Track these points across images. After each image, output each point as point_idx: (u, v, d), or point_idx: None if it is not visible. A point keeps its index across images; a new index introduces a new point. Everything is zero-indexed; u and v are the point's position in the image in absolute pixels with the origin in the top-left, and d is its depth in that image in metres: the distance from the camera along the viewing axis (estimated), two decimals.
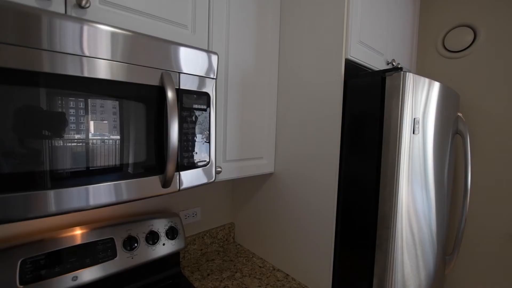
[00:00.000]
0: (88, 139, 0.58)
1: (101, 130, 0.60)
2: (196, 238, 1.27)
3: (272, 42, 1.08)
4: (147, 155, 0.68)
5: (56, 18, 0.52)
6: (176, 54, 0.71)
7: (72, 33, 0.54)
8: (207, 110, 0.79)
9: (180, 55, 0.71)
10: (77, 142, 0.56)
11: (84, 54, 0.55)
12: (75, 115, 0.56)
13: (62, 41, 0.52)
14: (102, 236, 0.90)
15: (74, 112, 0.56)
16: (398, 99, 0.78)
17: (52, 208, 0.53)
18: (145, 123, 0.66)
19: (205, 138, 0.79)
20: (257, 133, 1.06)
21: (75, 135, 0.56)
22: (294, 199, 1.07)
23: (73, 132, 0.56)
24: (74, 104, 0.56)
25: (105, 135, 0.60)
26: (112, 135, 0.61)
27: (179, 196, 1.20)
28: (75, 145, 0.56)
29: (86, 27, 0.55)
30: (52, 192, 0.53)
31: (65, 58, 0.53)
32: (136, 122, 0.65)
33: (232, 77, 0.94)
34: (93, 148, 0.59)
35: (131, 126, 0.64)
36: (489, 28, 1.27)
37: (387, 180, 0.82)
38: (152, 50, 0.66)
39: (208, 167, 0.80)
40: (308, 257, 1.03)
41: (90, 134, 0.58)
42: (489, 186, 1.29)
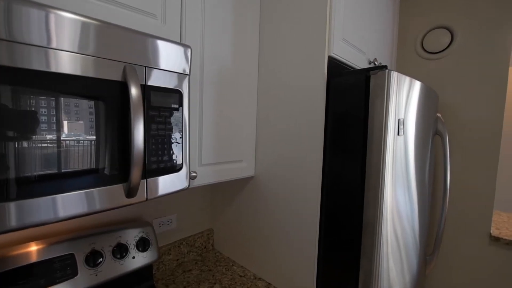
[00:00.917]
0: (35, 142, 0.48)
1: (54, 133, 0.51)
2: (172, 248, 1.18)
3: (252, 38, 1.02)
4: (109, 160, 0.59)
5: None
6: (142, 45, 0.62)
7: (18, 18, 0.44)
8: (179, 110, 0.71)
9: (146, 47, 0.63)
10: (23, 145, 0.47)
11: (28, 42, 0.46)
12: (20, 115, 0.46)
13: (4, 27, 0.43)
14: (60, 252, 0.80)
15: (18, 110, 0.46)
16: (383, 99, 0.75)
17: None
18: (106, 124, 0.58)
19: (177, 141, 0.71)
20: (236, 134, 0.99)
21: (20, 138, 0.46)
22: (276, 204, 1.02)
23: (17, 134, 0.46)
24: (17, 103, 0.46)
25: (58, 138, 0.51)
26: (67, 138, 0.52)
27: (152, 203, 1.11)
28: (19, 150, 0.46)
29: (34, 10, 0.46)
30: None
31: (11, 47, 0.44)
32: (96, 123, 0.56)
33: (208, 75, 0.87)
34: (42, 153, 0.49)
35: (90, 127, 0.55)
36: (465, 30, 1.28)
37: (372, 184, 0.78)
38: (113, 40, 0.58)
39: (181, 173, 0.72)
40: (291, 264, 0.98)
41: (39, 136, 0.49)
42: (467, 186, 1.31)
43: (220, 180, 0.94)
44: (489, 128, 1.24)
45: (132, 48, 0.61)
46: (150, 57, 0.64)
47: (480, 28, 1.25)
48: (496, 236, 1.23)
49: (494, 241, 1.24)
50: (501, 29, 1.20)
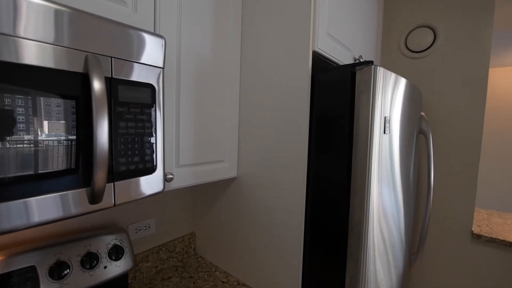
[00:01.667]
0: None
1: (7, 131, 0.43)
2: (150, 254, 1.11)
3: (234, 31, 0.96)
4: (70, 163, 0.52)
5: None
6: (107, 33, 0.56)
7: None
8: (153, 106, 0.65)
9: (113, 36, 0.57)
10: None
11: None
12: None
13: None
14: (19, 265, 0.71)
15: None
16: (369, 96, 0.72)
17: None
18: (67, 122, 0.51)
19: (150, 140, 0.65)
20: (217, 133, 0.94)
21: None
22: (260, 206, 0.97)
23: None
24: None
25: (12, 137, 0.44)
26: (24, 137, 0.45)
27: (127, 207, 1.03)
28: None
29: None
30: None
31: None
32: (56, 120, 0.49)
33: (185, 69, 0.81)
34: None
35: (48, 125, 0.49)
36: (447, 29, 1.29)
37: (358, 185, 0.75)
38: (74, 27, 0.51)
39: (154, 175, 0.66)
40: (275, 268, 0.94)
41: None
42: (449, 185, 1.32)
43: (199, 182, 0.88)
44: (470, 127, 1.26)
45: (96, 37, 0.54)
46: (118, 48, 0.58)
47: (461, 28, 1.26)
48: (478, 234, 1.24)
49: (475, 239, 1.26)
50: (481, 29, 1.21)
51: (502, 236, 1.22)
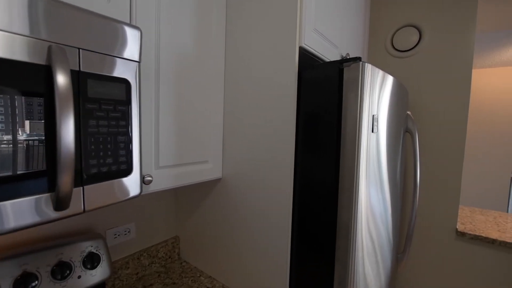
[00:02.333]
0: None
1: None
2: (130, 260, 1.05)
3: (218, 24, 0.92)
4: (32, 165, 0.47)
5: None
6: (75, 22, 0.51)
7: None
8: (127, 102, 0.60)
9: (81, 25, 0.51)
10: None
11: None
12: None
13: None
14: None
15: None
16: (357, 93, 0.69)
17: None
18: (30, 120, 0.45)
19: (125, 140, 0.60)
20: (200, 132, 0.89)
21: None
22: (246, 208, 0.93)
23: None
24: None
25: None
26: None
27: (105, 211, 0.97)
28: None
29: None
30: None
31: None
32: (12, 118, 0.44)
33: (165, 64, 0.76)
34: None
35: (7, 124, 0.43)
36: (431, 29, 1.30)
37: (345, 185, 0.73)
38: (35, 13, 0.46)
39: (130, 178, 0.61)
40: (262, 272, 0.91)
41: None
42: (435, 183, 1.33)
43: (182, 184, 0.84)
44: (455, 126, 1.27)
45: (61, 25, 0.49)
46: (87, 38, 0.53)
47: (445, 28, 1.27)
48: (462, 231, 1.26)
49: (460, 236, 1.27)
50: (464, 30, 1.22)
51: (485, 233, 1.23)
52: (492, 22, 1.64)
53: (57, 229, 0.86)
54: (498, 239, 1.18)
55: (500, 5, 1.46)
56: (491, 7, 1.48)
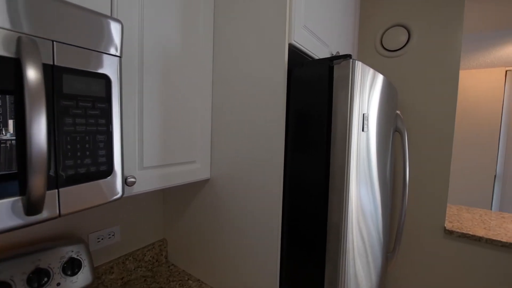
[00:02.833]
0: None
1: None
2: (115, 265, 1.01)
3: (205, 21, 0.89)
4: (3, 167, 0.43)
5: None
6: (49, 12, 0.47)
7: None
8: (107, 99, 0.56)
9: (57, 16, 0.48)
10: None
11: None
12: None
13: None
14: None
15: None
16: (347, 92, 0.68)
17: None
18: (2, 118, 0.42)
19: (105, 139, 0.57)
20: (187, 131, 0.86)
21: None
22: (235, 208, 0.91)
23: None
24: None
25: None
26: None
27: (87, 214, 0.93)
28: None
29: None
30: None
31: None
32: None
33: (149, 59, 0.73)
34: None
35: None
36: (420, 29, 1.31)
37: (336, 185, 0.72)
38: (5, 2, 0.42)
39: (110, 179, 0.58)
40: (251, 274, 0.88)
41: None
42: (423, 182, 1.34)
43: (168, 185, 0.81)
44: (442, 126, 1.28)
45: (33, 15, 0.45)
46: (62, 30, 0.49)
47: (433, 29, 1.28)
48: (450, 229, 1.27)
49: (448, 234, 1.29)
50: (452, 30, 1.24)
51: (472, 231, 1.25)
52: (477, 23, 1.67)
53: (35, 234, 0.81)
54: (484, 237, 1.20)
55: (485, 7, 1.49)
56: (476, 9, 1.51)
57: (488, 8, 1.44)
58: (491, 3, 1.37)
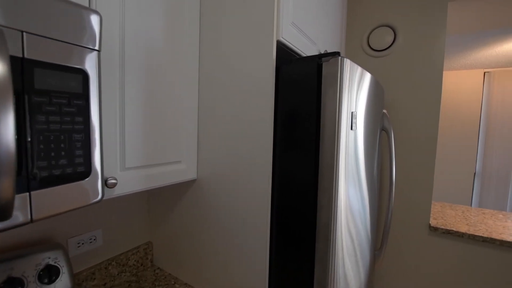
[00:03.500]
0: None
1: None
2: (97, 271, 0.96)
3: (191, 16, 0.87)
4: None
5: None
6: (18, 0, 0.43)
7: None
8: (85, 96, 0.53)
9: (26, 4, 0.44)
10: None
11: None
12: None
13: None
14: None
15: None
16: (336, 89, 0.67)
17: None
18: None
19: (82, 138, 0.53)
20: (172, 130, 0.83)
21: None
22: (223, 209, 0.89)
23: None
24: None
25: None
26: None
27: (66, 217, 0.88)
28: None
29: None
30: None
31: None
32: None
33: (131, 54, 0.69)
34: None
35: None
36: (405, 30, 1.33)
37: (325, 184, 0.71)
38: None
39: (88, 181, 0.54)
40: (240, 277, 0.87)
41: None
42: (409, 180, 1.36)
43: (152, 186, 0.77)
44: (427, 126, 1.31)
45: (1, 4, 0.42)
46: (33, 20, 0.45)
47: (417, 29, 1.30)
48: (435, 226, 1.30)
49: (433, 231, 1.31)
50: (435, 32, 1.26)
51: (455, 228, 1.28)
52: (458, 26, 1.72)
53: (7, 240, 0.76)
54: (467, 233, 1.23)
55: (466, 10, 1.53)
56: (457, 12, 1.55)
57: (468, 11, 1.48)
58: (471, 7, 1.41)
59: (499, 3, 1.40)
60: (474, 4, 1.39)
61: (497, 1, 1.37)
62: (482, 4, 1.39)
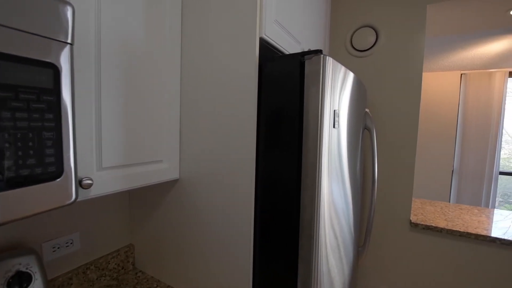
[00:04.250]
0: None
1: None
2: (74, 276, 0.92)
3: (172, 12, 0.84)
4: None
5: None
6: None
7: None
8: (55, 91, 0.50)
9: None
10: None
11: None
12: None
13: None
14: None
15: None
16: (318, 87, 0.68)
17: None
18: None
19: (53, 136, 0.50)
20: (152, 129, 0.81)
21: None
22: (206, 209, 0.87)
23: None
24: None
25: None
26: None
27: (39, 220, 0.84)
28: None
29: None
30: None
31: None
32: None
33: (108, 49, 0.67)
34: None
35: None
36: (387, 31, 1.36)
37: (308, 182, 0.71)
38: None
39: (60, 181, 0.51)
40: (225, 275, 0.85)
41: None
42: (390, 178, 1.39)
43: (131, 187, 0.75)
44: (407, 125, 1.34)
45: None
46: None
47: (398, 30, 1.33)
48: (415, 222, 1.34)
49: (413, 227, 1.35)
50: (415, 33, 1.30)
51: (434, 223, 1.33)
52: (437, 28, 1.78)
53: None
54: (445, 228, 1.28)
55: (444, 13, 1.59)
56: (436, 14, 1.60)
57: (446, 14, 1.54)
58: (449, 10, 1.46)
59: (475, 8, 1.46)
60: (452, 8, 1.44)
61: (472, 6, 1.42)
62: (459, 8, 1.45)
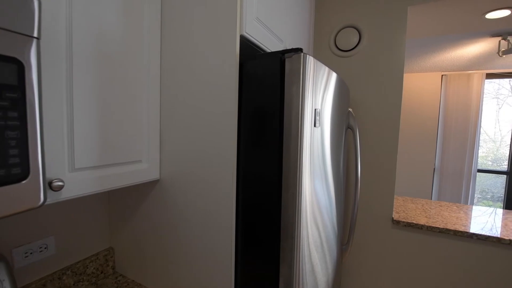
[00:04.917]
0: None
1: None
2: (48, 282, 0.88)
3: (151, 7, 0.82)
4: None
5: None
6: None
7: None
8: (20, 88, 0.47)
9: None
10: None
11: None
12: None
13: None
14: None
15: None
16: (299, 86, 0.67)
17: None
18: None
19: (17, 135, 0.47)
20: (130, 128, 0.78)
21: None
22: (188, 209, 0.85)
23: None
24: None
25: None
26: None
27: (8, 224, 0.79)
28: None
29: None
30: None
31: None
32: None
33: (81, 44, 0.64)
34: None
35: None
36: (369, 31, 1.38)
37: (290, 181, 0.71)
38: None
39: (25, 184, 0.49)
40: (208, 277, 0.84)
41: None
42: (373, 176, 1.42)
43: (107, 188, 0.72)
44: (389, 124, 1.37)
45: None
46: None
47: (381, 31, 1.35)
48: (397, 220, 1.37)
49: (395, 224, 1.38)
50: (396, 34, 1.32)
51: (415, 220, 1.36)
52: (418, 30, 1.82)
53: None
54: (425, 225, 1.31)
55: (425, 15, 1.63)
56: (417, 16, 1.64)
57: (426, 16, 1.58)
58: (430, 13, 1.50)
59: (452, 12, 1.50)
60: (431, 10, 1.48)
61: (450, 9, 1.47)
62: (438, 10, 1.49)
